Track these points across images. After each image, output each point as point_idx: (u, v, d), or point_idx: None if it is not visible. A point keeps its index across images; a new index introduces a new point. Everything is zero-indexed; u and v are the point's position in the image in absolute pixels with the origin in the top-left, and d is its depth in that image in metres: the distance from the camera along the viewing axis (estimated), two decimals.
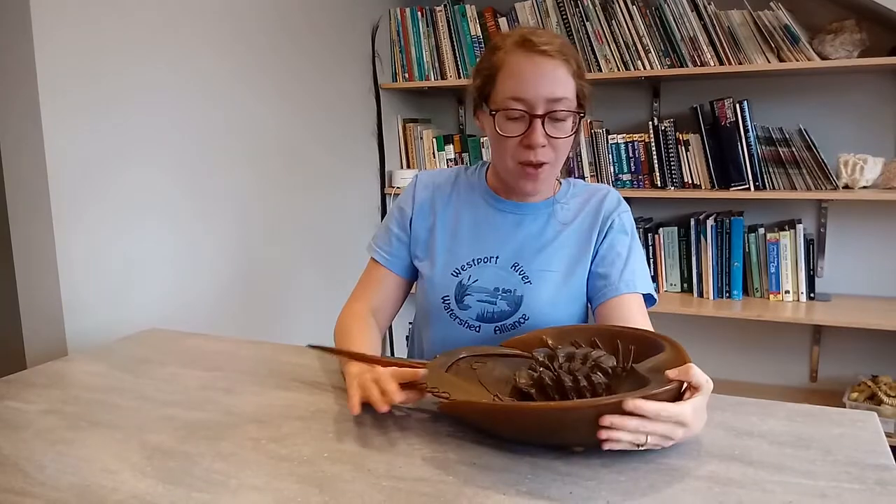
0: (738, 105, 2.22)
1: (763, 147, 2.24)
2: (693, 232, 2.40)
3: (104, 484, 0.77)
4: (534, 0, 2.43)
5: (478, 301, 1.17)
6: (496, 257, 1.18)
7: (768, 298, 2.33)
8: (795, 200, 2.39)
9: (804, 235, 2.29)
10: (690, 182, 2.34)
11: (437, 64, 2.62)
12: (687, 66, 2.26)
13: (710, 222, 2.35)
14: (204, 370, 1.15)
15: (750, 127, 2.22)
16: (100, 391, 1.06)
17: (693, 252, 2.41)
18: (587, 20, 2.37)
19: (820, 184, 2.17)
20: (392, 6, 2.66)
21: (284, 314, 2.15)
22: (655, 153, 2.37)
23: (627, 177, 2.43)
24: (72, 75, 1.41)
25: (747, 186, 2.23)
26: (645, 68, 2.31)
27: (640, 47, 2.31)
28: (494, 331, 1.17)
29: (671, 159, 2.36)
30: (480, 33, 2.54)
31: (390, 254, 1.25)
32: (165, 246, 1.67)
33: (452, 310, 1.18)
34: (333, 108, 2.35)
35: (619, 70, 2.34)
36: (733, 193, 2.25)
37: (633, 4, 2.30)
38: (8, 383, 1.11)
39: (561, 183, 1.24)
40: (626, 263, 1.16)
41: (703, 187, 2.32)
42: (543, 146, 1.08)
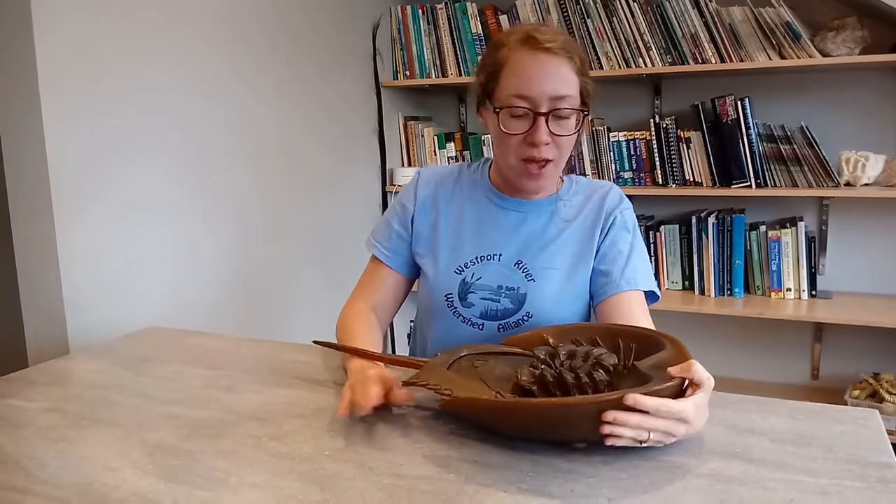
0: (740, 102, 2.22)
1: (764, 144, 2.23)
2: (694, 229, 2.39)
3: (105, 482, 0.77)
4: None
5: (481, 299, 1.17)
6: (499, 255, 1.18)
7: (770, 296, 2.33)
8: (797, 198, 2.39)
9: (806, 233, 2.28)
10: (692, 180, 2.34)
11: (439, 61, 2.62)
12: (688, 64, 2.25)
13: (712, 220, 2.35)
14: (205, 368, 1.15)
15: (751, 124, 2.21)
16: (101, 389, 1.07)
17: (694, 250, 2.40)
18: (588, 17, 2.36)
19: (821, 181, 2.16)
20: (393, 4, 2.65)
21: (285, 314, 2.15)
22: (657, 151, 2.36)
23: (629, 174, 2.43)
24: (72, 75, 1.41)
25: (749, 184, 2.23)
26: (646, 65, 2.31)
27: (642, 44, 2.31)
28: (498, 328, 1.16)
29: (672, 157, 2.35)
30: (481, 31, 2.54)
31: (390, 250, 1.25)
32: (166, 245, 1.67)
33: (456, 307, 1.18)
34: (334, 107, 2.35)
35: (620, 67, 2.34)
36: (735, 191, 2.25)
37: (635, 1, 2.30)
38: (9, 381, 1.11)
39: (563, 180, 1.24)
40: (628, 261, 1.16)
41: (705, 185, 2.31)
42: (547, 144, 1.07)
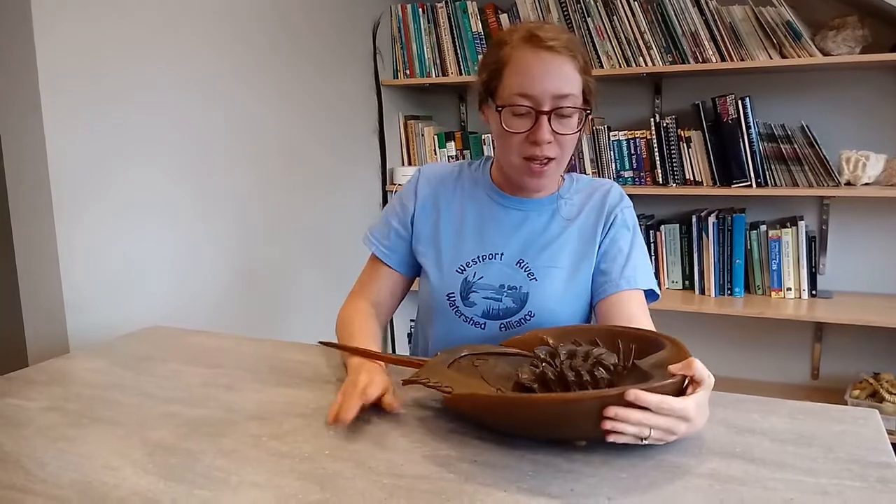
0: (740, 101, 2.21)
1: (765, 144, 2.23)
2: (695, 229, 2.39)
3: (105, 481, 0.77)
4: None
5: (483, 298, 1.16)
6: (501, 254, 1.18)
7: (770, 296, 2.33)
8: (797, 197, 2.38)
9: (806, 232, 2.28)
10: (692, 179, 2.34)
11: (439, 60, 2.62)
12: (689, 63, 2.25)
13: (712, 219, 2.35)
14: (205, 367, 1.15)
15: (752, 123, 2.21)
16: (101, 388, 1.07)
17: (695, 249, 2.40)
18: (588, 16, 2.36)
19: (822, 181, 2.16)
20: (393, 3, 2.65)
21: (285, 314, 2.15)
22: (657, 150, 2.36)
23: (629, 174, 2.43)
24: (72, 75, 1.41)
25: (749, 183, 2.23)
26: (646, 64, 2.31)
27: (642, 43, 2.30)
28: (500, 328, 1.16)
29: (673, 156, 2.35)
30: (482, 29, 2.54)
31: (388, 248, 1.24)
32: (166, 245, 1.67)
33: (458, 307, 1.18)
34: (334, 107, 2.35)
35: (621, 66, 2.34)
36: (735, 190, 2.25)
37: (635, 0, 2.30)
38: (9, 380, 1.11)
39: (564, 178, 1.24)
40: (628, 259, 1.16)
41: (705, 184, 2.31)
42: (549, 142, 1.07)
